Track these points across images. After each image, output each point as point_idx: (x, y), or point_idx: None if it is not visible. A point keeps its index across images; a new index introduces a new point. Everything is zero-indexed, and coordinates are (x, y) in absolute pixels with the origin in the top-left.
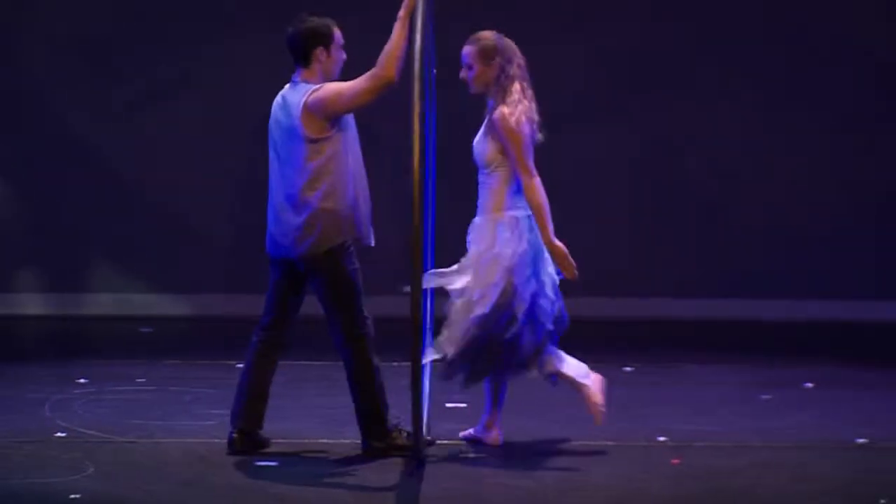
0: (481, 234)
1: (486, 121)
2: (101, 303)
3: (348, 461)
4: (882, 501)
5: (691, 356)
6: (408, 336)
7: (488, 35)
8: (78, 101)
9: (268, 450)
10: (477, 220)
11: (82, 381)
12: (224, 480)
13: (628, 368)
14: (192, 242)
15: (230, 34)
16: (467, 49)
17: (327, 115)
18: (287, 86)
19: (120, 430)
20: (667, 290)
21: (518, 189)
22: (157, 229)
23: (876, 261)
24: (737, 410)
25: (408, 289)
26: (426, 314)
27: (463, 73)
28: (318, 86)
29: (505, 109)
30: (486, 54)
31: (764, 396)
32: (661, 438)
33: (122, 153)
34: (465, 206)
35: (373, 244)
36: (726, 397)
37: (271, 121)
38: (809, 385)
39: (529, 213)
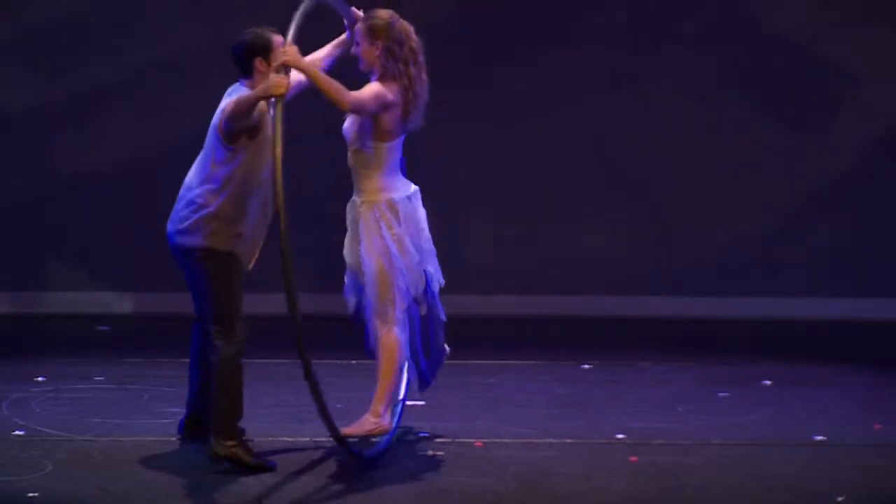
0: (362, 216)
1: None
2: (57, 301)
3: (304, 459)
4: (839, 499)
5: (649, 354)
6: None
7: (380, 13)
8: (29, 97)
9: None
10: (355, 199)
11: (40, 379)
12: (182, 479)
13: (586, 366)
14: (149, 240)
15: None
16: (358, 25)
17: (226, 125)
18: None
19: (78, 428)
20: (625, 288)
21: (394, 169)
22: (113, 227)
23: (831, 258)
24: (695, 408)
25: None
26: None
27: (353, 49)
28: (238, 94)
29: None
30: (372, 33)
31: (722, 394)
32: (620, 436)
33: (77, 150)
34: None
35: (249, 269)
36: (684, 395)
37: None
38: (767, 383)
39: (409, 193)
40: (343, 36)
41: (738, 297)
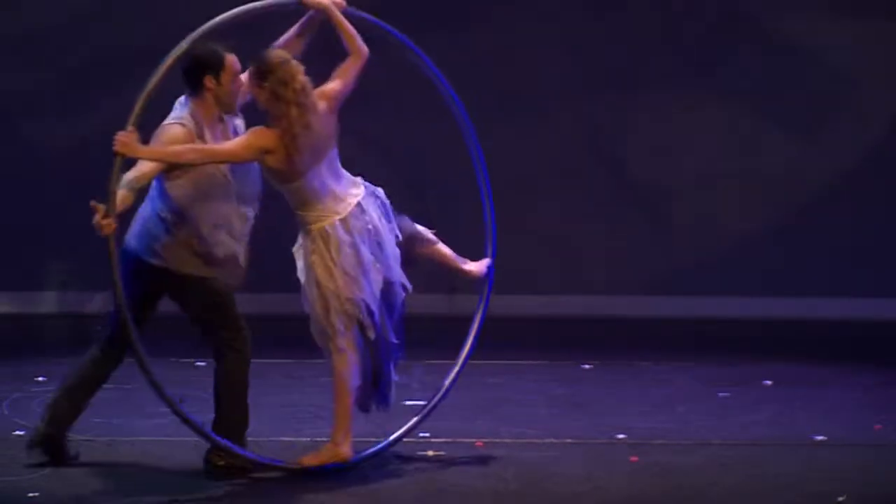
0: (302, 247)
1: None
2: (57, 301)
3: None
4: (840, 499)
5: (649, 354)
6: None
7: (269, 55)
8: (29, 97)
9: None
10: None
11: (40, 379)
12: (179, 479)
13: (587, 366)
14: None
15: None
16: (249, 68)
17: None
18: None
19: (77, 428)
20: (625, 288)
21: (321, 195)
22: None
23: (831, 258)
24: (695, 408)
25: None
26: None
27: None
28: (172, 121)
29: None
30: (259, 75)
31: (722, 394)
32: (620, 436)
33: (77, 150)
34: None
35: (237, 285)
36: (685, 395)
37: None
38: (768, 383)
39: (343, 215)
40: (304, 18)
41: (738, 297)
